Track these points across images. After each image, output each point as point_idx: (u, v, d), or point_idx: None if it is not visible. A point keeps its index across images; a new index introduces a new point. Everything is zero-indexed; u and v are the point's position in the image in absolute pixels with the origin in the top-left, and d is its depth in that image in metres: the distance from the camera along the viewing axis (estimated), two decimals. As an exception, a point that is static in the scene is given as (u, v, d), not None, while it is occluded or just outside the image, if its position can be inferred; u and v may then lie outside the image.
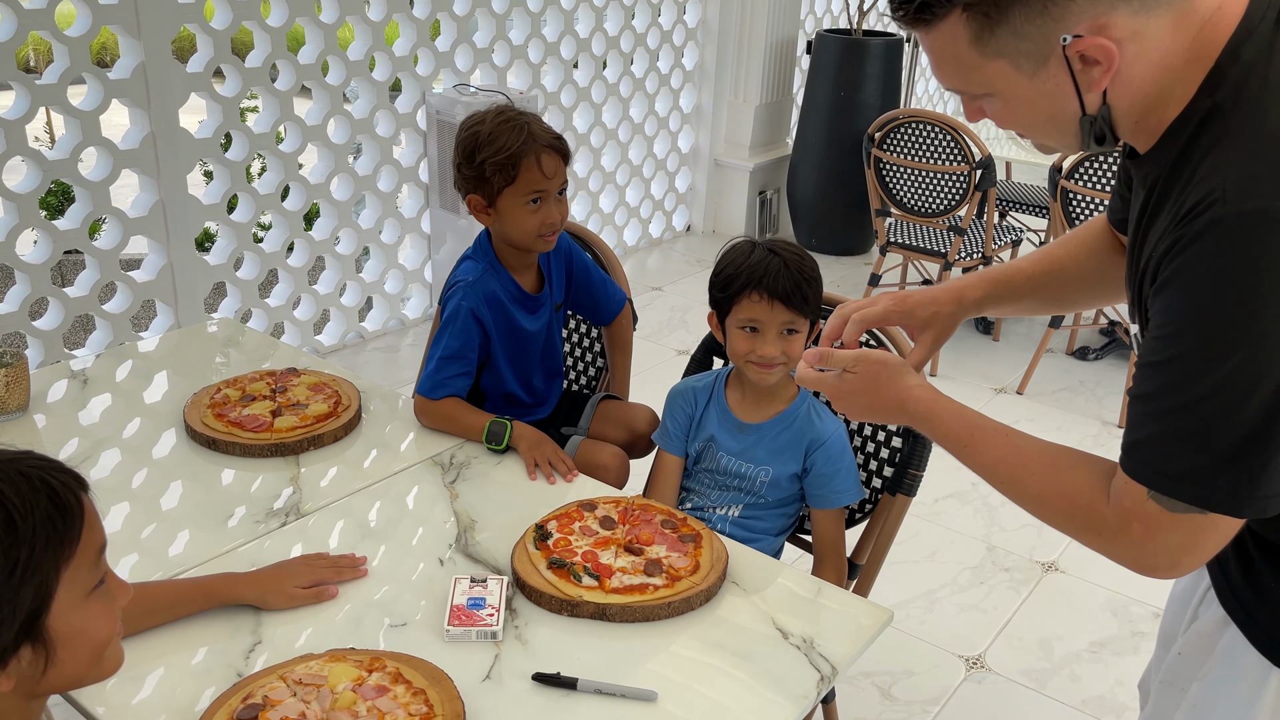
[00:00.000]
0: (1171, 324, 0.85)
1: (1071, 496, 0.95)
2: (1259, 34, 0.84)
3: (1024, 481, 0.99)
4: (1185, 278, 0.84)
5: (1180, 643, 1.10)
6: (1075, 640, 2.38)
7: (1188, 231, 0.83)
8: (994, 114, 0.95)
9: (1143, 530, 0.90)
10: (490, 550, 1.40)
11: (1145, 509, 0.89)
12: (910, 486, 1.64)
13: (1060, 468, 0.97)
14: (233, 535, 1.42)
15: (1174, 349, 0.85)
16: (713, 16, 4.79)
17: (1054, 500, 0.96)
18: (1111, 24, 0.84)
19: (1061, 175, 3.40)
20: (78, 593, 0.81)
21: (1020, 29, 0.85)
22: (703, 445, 1.69)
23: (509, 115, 1.70)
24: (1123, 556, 0.93)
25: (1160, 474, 0.87)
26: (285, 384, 1.74)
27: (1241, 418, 0.82)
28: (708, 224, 5.16)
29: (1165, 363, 0.86)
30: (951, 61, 0.91)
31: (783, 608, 1.31)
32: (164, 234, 3.03)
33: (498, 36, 3.85)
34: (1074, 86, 0.88)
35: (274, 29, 3.16)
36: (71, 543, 0.80)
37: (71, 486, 0.81)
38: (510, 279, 1.78)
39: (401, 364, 3.61)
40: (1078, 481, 0.95)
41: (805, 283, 1.57)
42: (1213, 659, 1.04)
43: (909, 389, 1.09)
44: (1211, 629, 1.04)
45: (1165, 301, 0.86)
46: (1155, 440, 0.88)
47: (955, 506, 2.91)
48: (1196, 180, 0.84)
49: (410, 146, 3.73)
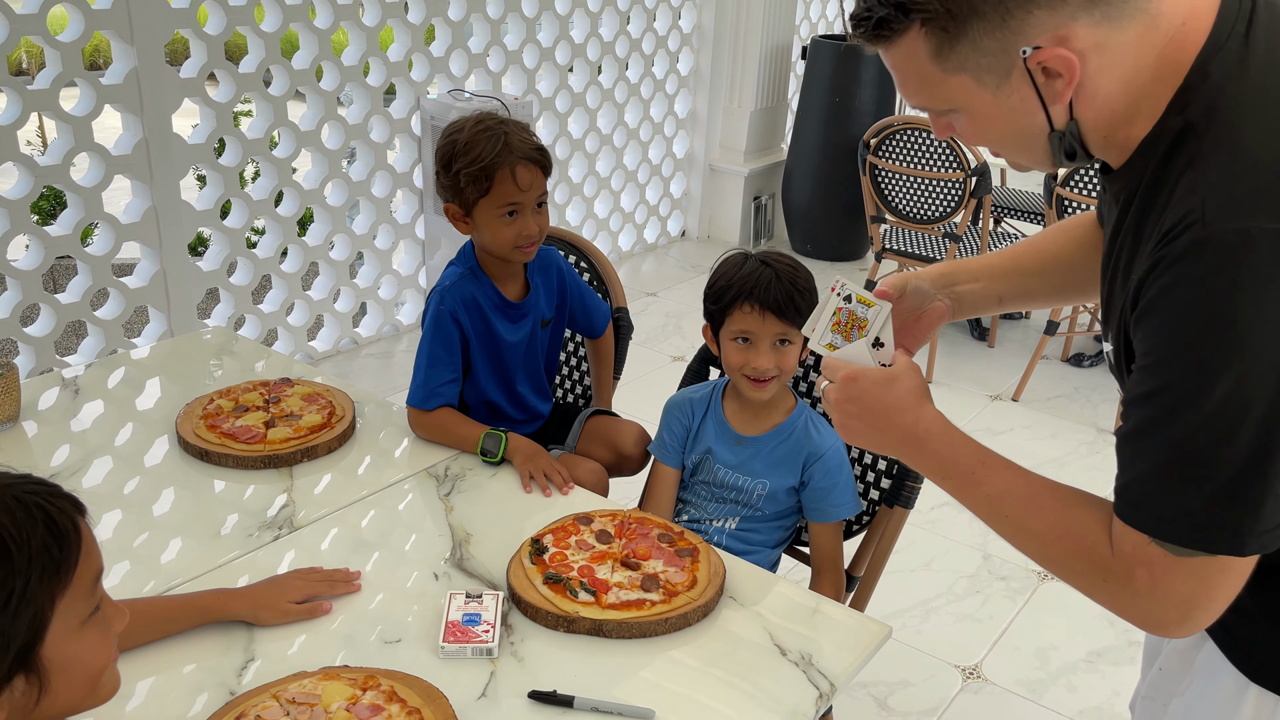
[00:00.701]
0: (1155, 353, 0.84)
1: (1077, 536, 0.91)
2: (1228, 50, 0.83)
3: (1031, 516, 0.94)
4: (1167, 302, 0.82)
5: (1161, 659, 1.10)
6: (1072, 650, 2.38)
7: (1167, 254, 0.82)
8: (961, 130, 0.94)
9: (1149, 577, 0.86)
10: (485, 565, 1.39)
11: (1149, 553, 0.85)
12: (908, 499, 1.63)
13: (1069, 505, 0.93)
14: (225, 548, 1.41)
15: (1159, 379, 0.83)
16: (708, 22, 4.79)
17: (1060, 539, 0.92)
18: (1072, 35, 0.83)
19: (1057, 183, 3.40)
20: (73, 621, 0.80)
21: (980, 43, 0.85)
22: (700, 457, 1.68)
23: (488, 124, 1.68)
24: (1130, 607, 0.89)
25: (1155, 518, 0.84)
26: (279, 394, 1.73)
27: (1235, 448, 0.80)
28: (703, 229, 5.16)
29: (1151, 395, 0.84)
30: (914, 78, 0.90)
31: (781, 623, 1.30)
32: (156, 240, 3.01)
33: (493, 42, 3.85)
34: (1039, 100, 0.87)
35: (268, 34, 3.15)
36: (68, 572, 0.78)
37: (69, 513, 0.79)
38: (492, 286, 1.77)
39: (395, 370, 3.60)
40: (1085, 520, 0.91)
41: (798, 294, 1.57)
42: (1191, 675, 1.03)
43: (925, 407, 1.03)
44: (1189, 645, 1.04)
45: (1148, 330, 0.84)
46: (1147, 480, 0.85)
47: (951, 515, 2.90)
48: (1174, 201, 0.83)
49: (404, 152, 3.71)
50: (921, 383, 1.05)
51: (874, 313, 1.10)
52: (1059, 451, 3.26)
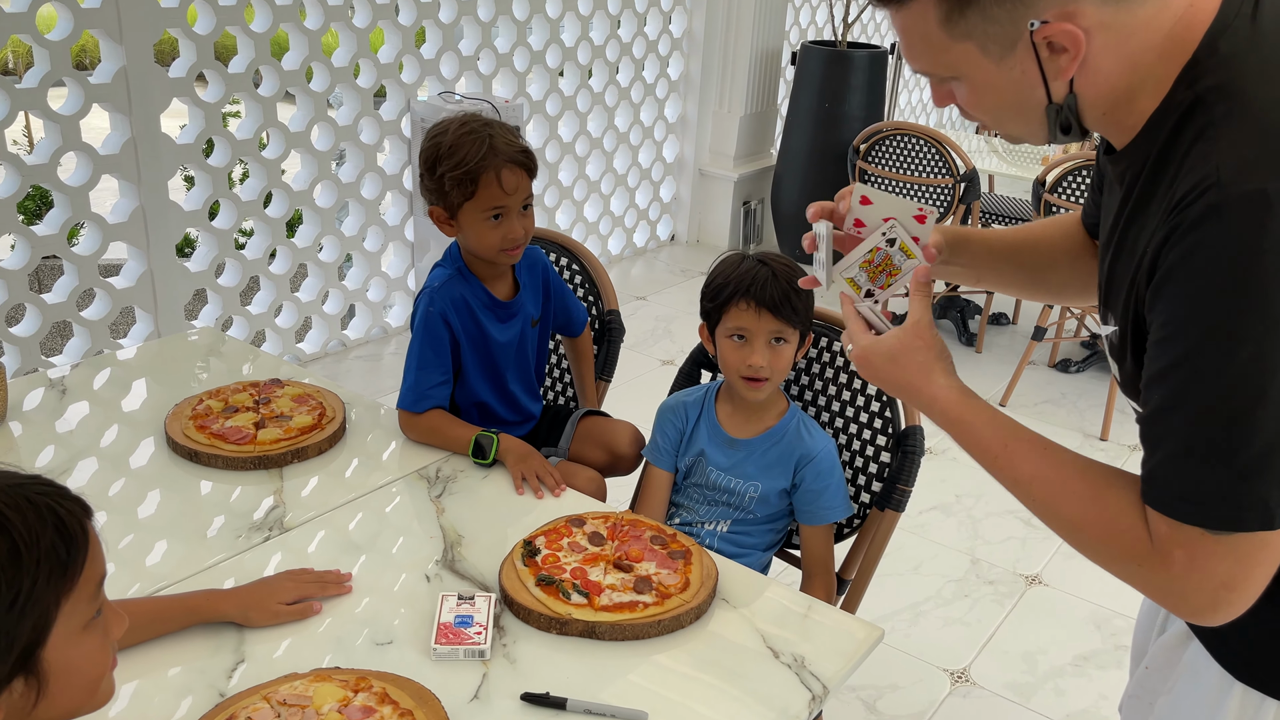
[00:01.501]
0: (1174, 323, 0.82)
1: (1111, 519, 0.88)
2: (1235, 28, 0.84)
3: (1061, 502, 0.92)
4: (1185, 270, 0.80)
5: (1148, 657, 1.10)
6: (1059, 654, 2.39)
7: (1183, 219, 0.81)
8: (961, 99, 0.94)
9: (1186, 559, 0.83)
10: (477, 566, 1.39)
11: (1185, 534, 0.83)
12: (899, 502, 1.63)
13: (1101, 488, 0.90)
14: (214, 549, 1.40)
15: (1179, 350, 0.81)
16: (698, 27, 4.80)
17: (1093, 524, 0.90)
18: (1080, 12, 0.83)
19: (1045, 189, 3.42)
20: (75, 625, 0.79)
21: (989, 12, 0.85)
22: (692, 460, 1.68)
23: (472, 126, 1.66)
24: (1168, 591, 0.86)
25: (1183, 501, 0.82)
26: (269, 395, 1.72)
27: (1261, 416, 0.78)
28: (692, 234, 5.16)
29: (1173, 367, 0.82)
30: (920, 42, 0.90)
31: (773, 625, 1.30)
32: (144, 240, 2.99)
33: (483, 45, 3.84)
34: (1040, 74, 0.87)
35: (258, 34, 3.14)
36: (74, 575, 0.77)
37: (78, 515, 0.79)
38: (480, 286, 1.76)
39: (384, 372, 3.59)
40: (1118, 503, 0.89)
41: (794, 293, 1.57)
42: (1177, 673, 1.04)
43: (939, 386, 1.02)
44: (1176, 643, 1.04)
45: (1167, 300, 0.83)
46: (1172, 461, 0.83)
47: (939, 519, 2.91)
48: (1185, 170, 0.83)
49: (394, 154, 3.70)
50: (929, 352, 1.03)
51: (910, 265, 1.07)
52: (1046, 456, 3.27)
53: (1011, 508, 2.97)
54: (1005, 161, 4.21)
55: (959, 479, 3.12)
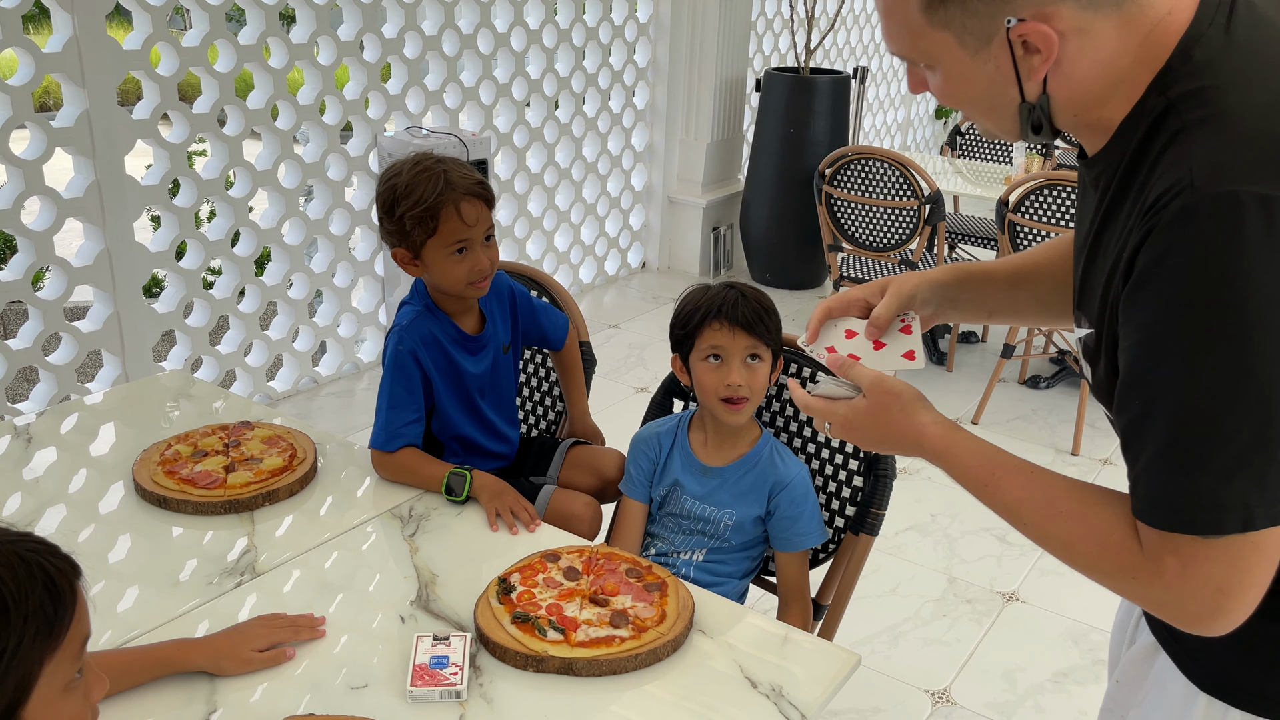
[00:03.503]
0: (1149, 326, 0.82)
1: (1101, 535, 0.88)
2: (1209, 36, 0.85)
3: (1050, 522, 0.92)
4: (1159, 273, 0.81)
5: (1118, 670, 1.11)
6: (1038, 671, 2.40)
7: (1157, 222, 0.81)
8: (935, 88, 0.95)
9: (1179, 565, 0.83)
10: (452, 606, 1.38)
11: (1174, 541, 0.83)
12: (873, 526, 1.64)
13: (1088, 504, 0.91)
14: (185, 597, 1.38)
15: (1154, 353, 0.82)
16: (662, 56, 4.85)
17: (1083, 540, 0.90)
18: (1057, 15, 0.85)
19: (1009, 209, 3.47)
20: (57, 685, 0.78)
21: (969, 4, 0.86)
22: (667, 489, 1.68)
23: (426, 164, 1.67)
24: (1163, 601, 0.86)
25: (1166, 506, 0.82)
26: (239, 438, 1.70)
27: (1238, 417, 0.78)
28: (663, 260, 5.19)
29: (1147, 372, 0.82)
30: (900, 25, 0.91)
31: (750, 655, 1.30)
32: (110, 283, 2.97)
33: (449, 79, 3.86)
34: (1014, 71, 0.88)
35: (222, 74, 3.14)
36: (60, 634, 0.77)
37: (68, 574, 0.78)
38: (449, 321, 1.76)
39: (357, 409, 3.56)
40: (1106, 519, 0.89)
41: (765, 313, 1.61)
42: (1146, 686, 1.04)
43: (923, 425, 1.03)
44: (1144, 656, 1.05)
45: (1140, 305, 0.83)
46: (1152, 468, 0.83)
47: (915, 539, 2.92)
48: (1159, 173, 0.83)
49: (362, 189, 3.70)
50: (903, 397, 1.04)
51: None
52: (1019, 473, 3.30)
53: (987, 525, 2.99)
54: (969, 182, 4.27)
55: (934, 499, 3.14)
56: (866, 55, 6.48)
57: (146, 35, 2.93)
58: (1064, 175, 3.34)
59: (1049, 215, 3.39)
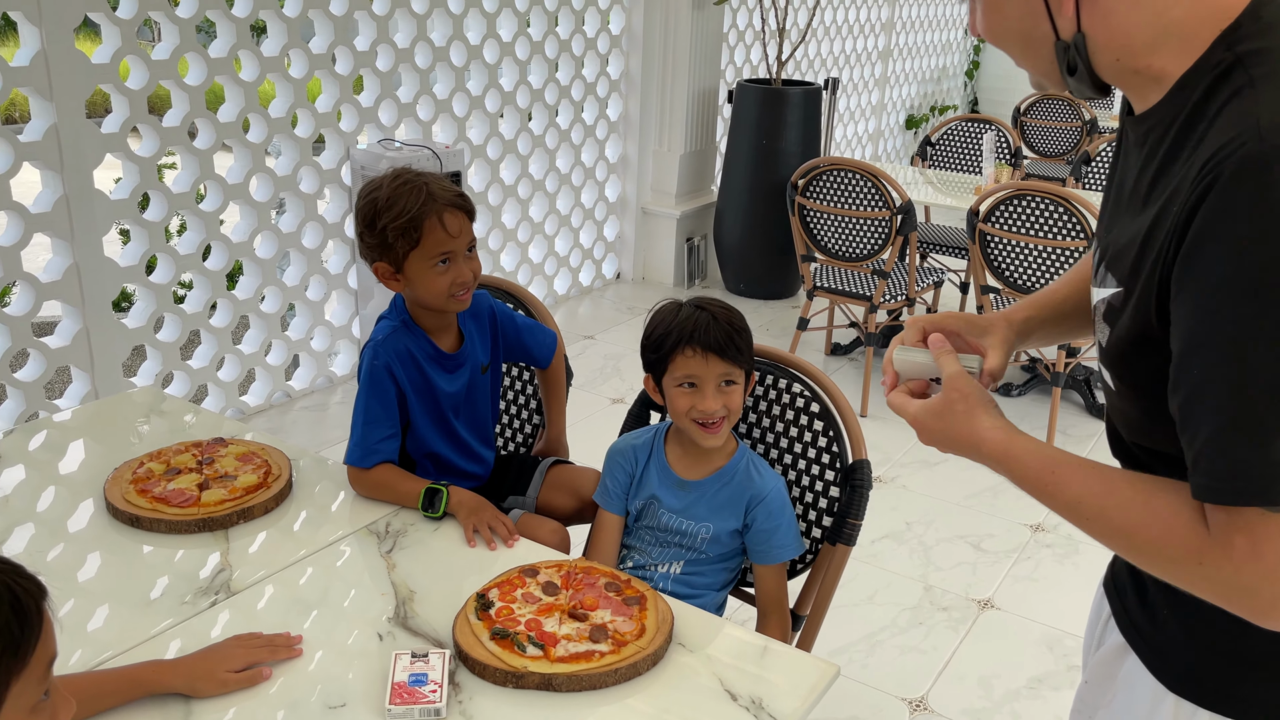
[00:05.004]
0: (1214, 284, 0.77)
1: (1166, 521, 0.84)
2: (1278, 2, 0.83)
3: (1112, 514, 0.88)
4: (1223, 228, 0.77)
5: (1086, 671, 1.12)
6: (1014, 677, 2.42)
7: (1219, 173, 0.77)
8: (976, 20, 0.95)
9: (1249, 545, 0.78)
10: (431, 622, 1.37)
11: (1244, 517, 0.78)
12: (850, 536, 1.65)
13: (1151, 493, 0.87)
14: (159, 617, 1.36)
15: (1220, 313, 0.77)
16: (635, 68, 4.87)
17: (1147, 528, 0.86)
18: None
19: (979, 219, 3.51)
20: (22, 707, 0.77)
21: None
22: (644, 503, 1.68)
23: (406, 178, 1.67)
24: (1232, 586, 0.81)
25: (1235, 478, 0.78)
26: (212, 455, 1.69)
27: None
28: (637, 271, 5.20)
29: (1213, 333, 0.78)
30: None
31: (730, 667, 1.30)
32: (79, 298, 2.93)
33: (422, 91, 3.85)
34: (1044, 4, 0.87)
35: (192, 88, 3.11)
36: (26, 654, 0.76)
37: (34, 595, 0.78)
38: (425, 338, 1.76)
39: (330, 422, 3.54)
40: (1170, 504, 0.85)
41: (736, 334, 1.60)
42: (1115, 687, 1.05)
43: (983, 430, 1.00)
44: (1113, 656, 1.05)
45: (1202, 263, 0.78)
46: (1218, 440, 0.79)
47: (891, 547, 2.94)
48: (1219, 126, 0.81)
49: (335, 202, 3.69)
50: (969, 400, 1.02)
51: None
52: (993, 480, 3.33)
53: (962, 532, 3.02)
54: (940, 192, 4.31)
55: (910, 507, 3.16)
56: (838, 66, 6.54)
57: (115, 49, 2.90)
58: (1033, 186, 3.39)
59: (1019, 225, 3.43)
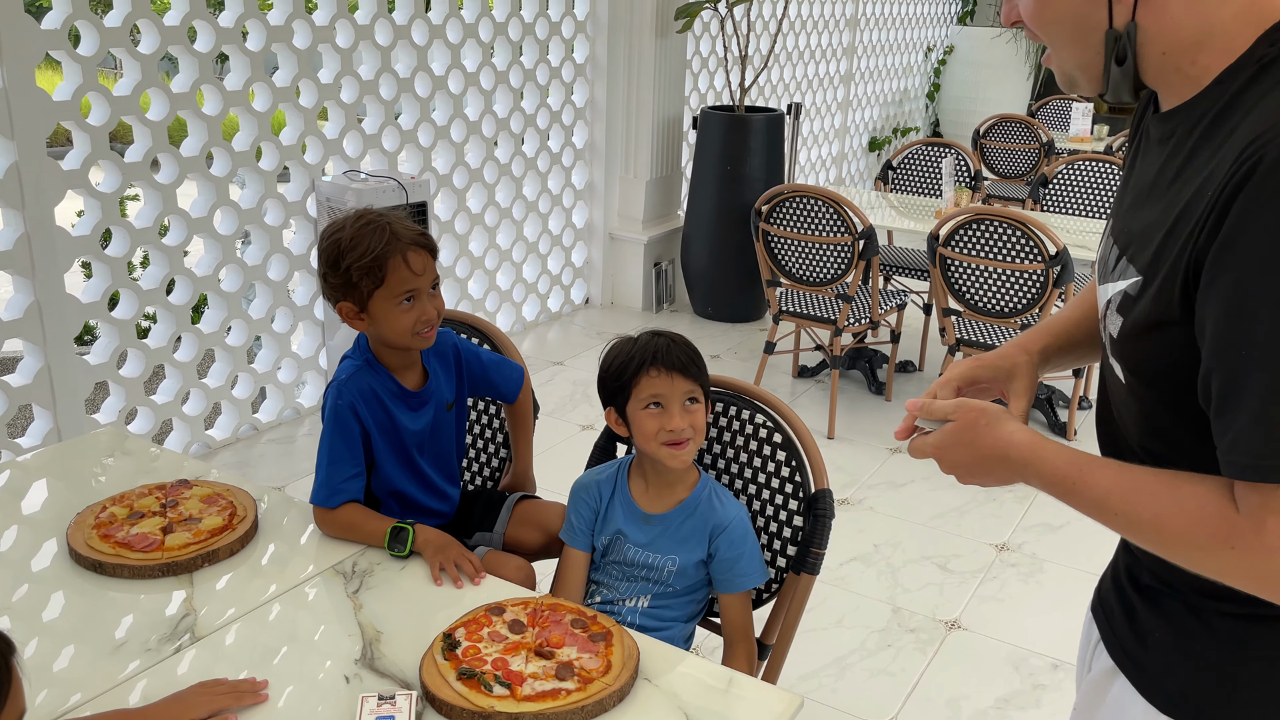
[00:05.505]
0: (1254, 270, 0.78)
1: (1194, 508, 0.85)
2: None
3: (1139, 505, 0.88)
4: (1266, 210, 0.77)
5: (1077, 697, 1.13)
6: (981, 698, 2.44)
7: (1262, 156, 0.78)
8: (1024, 7, 0.95)
9: None
10: (397, 663, 1.37)
11: (1278, 499, 0.79)
12: (813, 565, 1.67)
13: (1178, 482, 0.87)
14: (124, 661, 1.36)
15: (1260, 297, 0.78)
16: (600, 96, 4.91)
17: (1174, 516, 0.86)
18: None
19: (939, 243, 3.57)
20: None
21: None
22: (610, 538, 1.69)
23: (369, 218, 1.70)
24: (1265, 574, 0.81)
25: (1270, 457, 0.78)
26: (176, 497, 1.68)
27: None
28: (606, 296, 5.22)
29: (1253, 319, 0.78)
30: None
31: (695, 702, 1.31)
32: (40, 335, 2.91)
33: (386, 122, 3.87)
34: None
35: (154, 123, 3.11)
36: None
37: (2, 651, 0.77)
38: (389, 376, 1.77)
39: (298, 455, 3.52)
40: (1199, 491, 0.85)
41: (695, 354, 1.66)
42: (1104, 711, 1.05)
43: (1010, 434, 1.00)
44: (1102, 679, 1.06)
45: (1241, 249, 0.79)
46: (1258, 419, 0.79)
47: (859, 570, 2.97)
48: (1256, 115, 0.82)
49: (301, 234, 3.68)
50: (987, 413, 1.02)
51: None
52: (959, 501, 3.38)
53: (928, 553, 3.05)
54: (902, 216, 4.37)
55: (877, 529, 3.19)
56: (800, 91, 6.63)
57: (77, 85, 2.90)
58: (990, 210, 3.45)
59: (977, 249, 3.49)
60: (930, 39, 8.51)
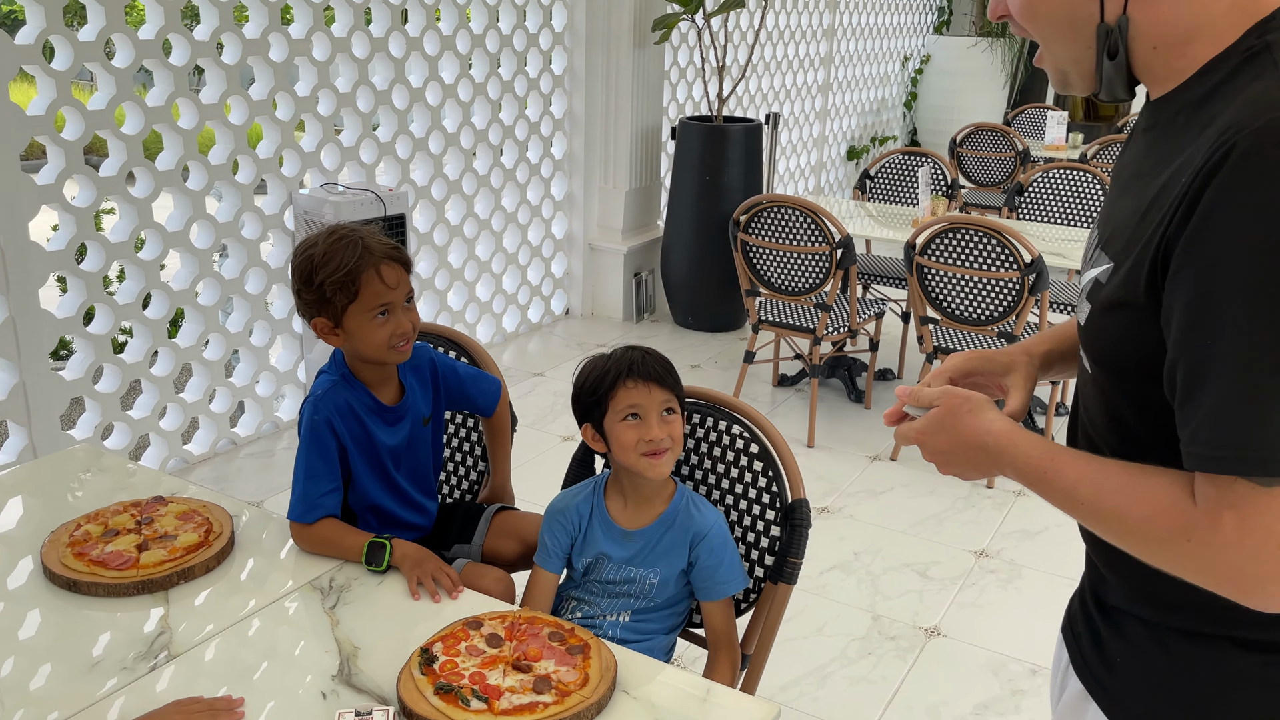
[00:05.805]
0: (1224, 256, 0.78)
1: (1154, 500, 0.85)
2: None
3: (1104, 495, 0.89)
4: (1236, 198, 0.78)
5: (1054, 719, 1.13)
6: (960, 705, 2.46)
7: (1235, 144, 0.78)
8: (1015, 4, 0.95)
9: (1236, 520, 0.79)
10: (375, 678, 1.37)
11: (1234, 493, 0.79)
12: (791, 575, 1.68)
13: (1143, 474, 0.88)
14: (100, 681, 1.35)
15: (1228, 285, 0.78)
16: (579, 107, 4.92)
17: (1136, 507, 0.86)
18: None
19: (916, 252, 3.59)
20: None
21: None
22: (591, 560, 1.70)
23: (342, 233, 1.70)
24: (1218, 563, 0.81)
25: (1228, 448, 0.78)
26: (151, 514, 1.67)
27: None
28: (586, 307, 5.23)
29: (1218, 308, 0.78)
30: None
31: (673, 713, 1.32)
32: (15, 351, 2.89)
33: (364, 135, 3.86)
34: None
35: (129, 137, 3.10)
36: None
37: None
38: (365, 391, 1.77)
39: (277, 468, 3.51)
40: (1160, 483, 0.86)
41: (669, 366, 1.68)
42: None
43: (989, 422, 1.00)
44: (1076, 703, 1.06)
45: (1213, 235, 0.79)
46: (1217, 412, 0.79)
47: (839, 578, 2.98)
48: (1238, 103, 0.81)
49: (279, 247, 3.67)
50: (970, 400, 1.03)
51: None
52: (938, 508, 3.40)
53: (908, 561, 3.07)
54: (879, 225, 4.40)
55: (857, 536, 3.21)
56: (778, 101, 6.66)
57: (51, 100, 2.88)
58: (965, 219, 3.48)
59: (953, 258, 3.52)
60: (907, 48, 8.58)
